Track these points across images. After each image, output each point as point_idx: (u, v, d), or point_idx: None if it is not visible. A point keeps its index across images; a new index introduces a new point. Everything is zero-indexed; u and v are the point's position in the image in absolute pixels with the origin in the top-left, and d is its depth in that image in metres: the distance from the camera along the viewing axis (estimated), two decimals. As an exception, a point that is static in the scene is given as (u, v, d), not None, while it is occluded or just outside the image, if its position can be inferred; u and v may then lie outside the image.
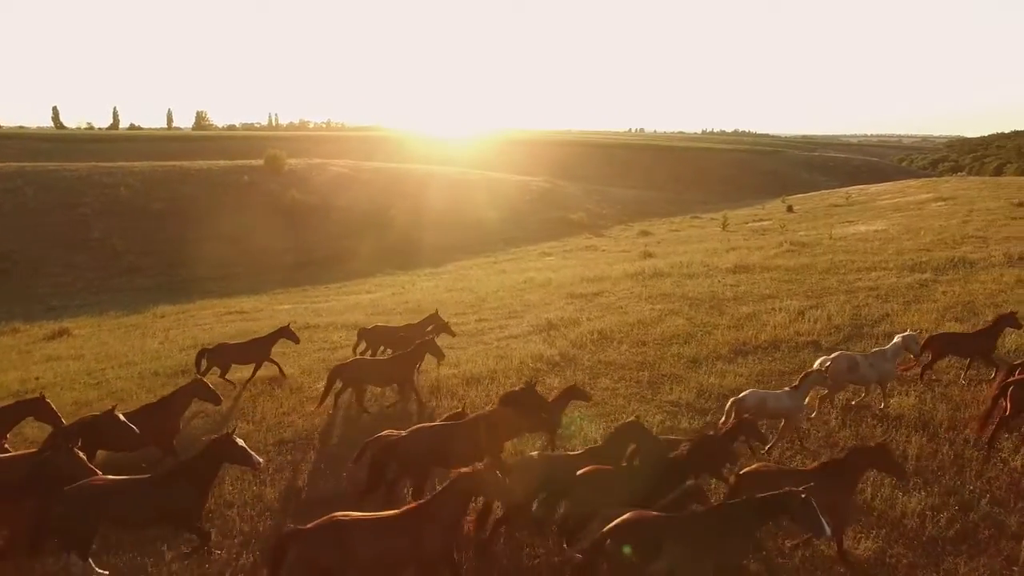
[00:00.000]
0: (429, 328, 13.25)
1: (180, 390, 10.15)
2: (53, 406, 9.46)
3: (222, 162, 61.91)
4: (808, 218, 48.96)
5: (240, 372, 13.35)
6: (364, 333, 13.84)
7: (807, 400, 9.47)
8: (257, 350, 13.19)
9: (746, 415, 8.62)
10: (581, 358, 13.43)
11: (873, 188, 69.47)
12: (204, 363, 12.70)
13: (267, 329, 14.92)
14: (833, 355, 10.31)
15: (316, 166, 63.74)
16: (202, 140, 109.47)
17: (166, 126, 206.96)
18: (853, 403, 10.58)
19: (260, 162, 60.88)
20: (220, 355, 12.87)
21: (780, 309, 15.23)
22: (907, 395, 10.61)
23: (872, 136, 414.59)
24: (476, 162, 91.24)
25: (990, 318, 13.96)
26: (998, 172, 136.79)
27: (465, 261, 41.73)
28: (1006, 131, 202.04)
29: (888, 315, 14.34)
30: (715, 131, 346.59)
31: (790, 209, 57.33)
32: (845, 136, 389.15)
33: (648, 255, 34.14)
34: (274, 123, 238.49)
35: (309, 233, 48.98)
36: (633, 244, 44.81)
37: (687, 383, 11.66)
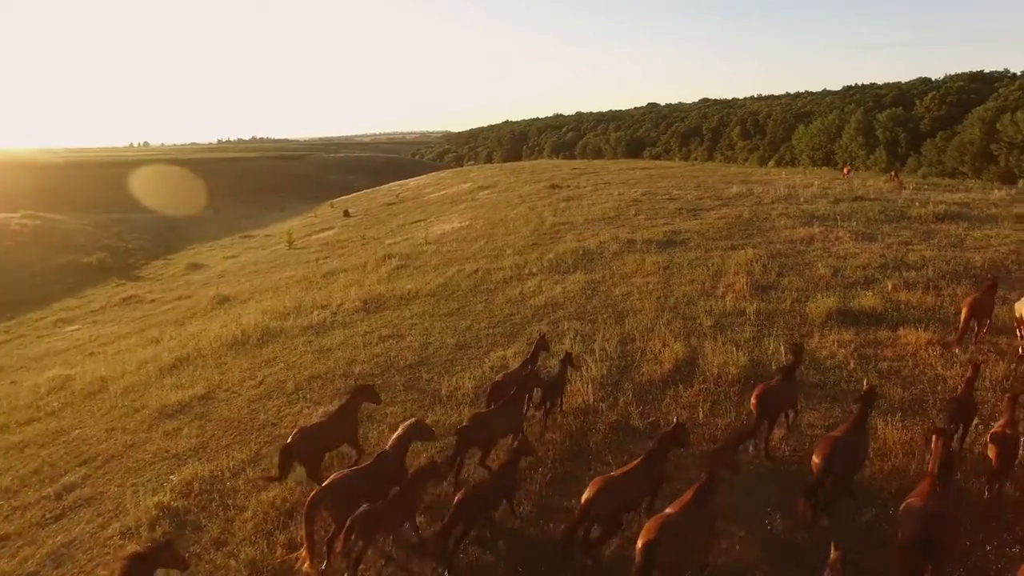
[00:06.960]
0: None
1: None
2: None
3: None
4: (372, 222, 47.02)
5: None
6: None
7: None
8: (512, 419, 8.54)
9: None
10: None
11: (412, 183, 72.63)
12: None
13: None
14: None
15: None
16: None
17: None
18: None
19: None
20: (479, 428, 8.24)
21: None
22: None
23: (381, 135, 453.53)
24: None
25: (709, 324, 12.70)
26: (488, 159, 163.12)
27: (-76, 362, 26.85)
28: (484, 125, 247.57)
29: (632, 339, 11.63)
30: (232, 140, 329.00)
31: (346, 214, 55.01)
32: (359, 136, 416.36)
33: (224, 300, 26.86)
34: None
35: None
36: (189, 286, 36.04)
37: None
